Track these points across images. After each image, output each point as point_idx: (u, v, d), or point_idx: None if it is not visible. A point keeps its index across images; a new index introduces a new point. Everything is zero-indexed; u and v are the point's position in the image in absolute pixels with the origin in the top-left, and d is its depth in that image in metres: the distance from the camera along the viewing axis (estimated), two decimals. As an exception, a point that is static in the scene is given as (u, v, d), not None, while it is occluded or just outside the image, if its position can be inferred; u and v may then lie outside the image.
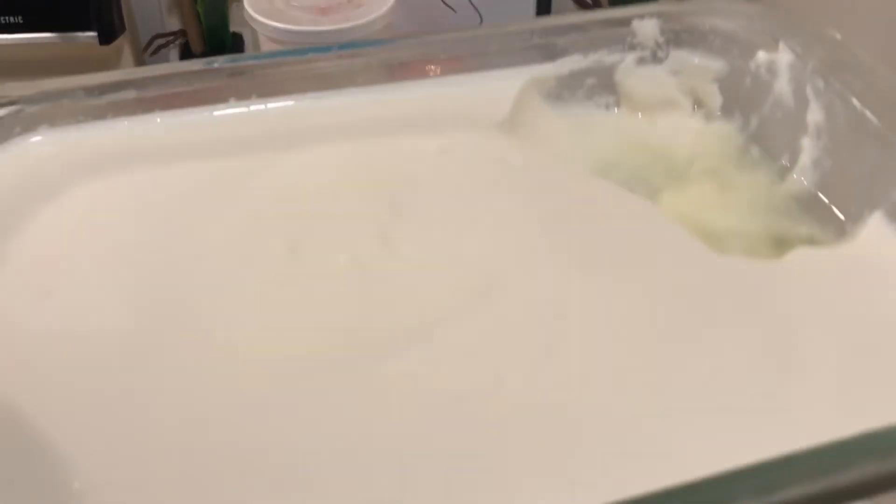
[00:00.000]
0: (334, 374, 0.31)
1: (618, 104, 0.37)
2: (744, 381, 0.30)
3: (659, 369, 0.31)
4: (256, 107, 0.43)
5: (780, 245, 0.35)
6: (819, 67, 0.34)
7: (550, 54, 0.37)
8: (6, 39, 0.81)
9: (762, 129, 0.37)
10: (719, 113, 0.37)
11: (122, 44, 0.86)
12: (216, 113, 0.44)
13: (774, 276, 0.33)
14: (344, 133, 0.42)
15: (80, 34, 0.81)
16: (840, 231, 0.35)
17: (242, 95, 0.43)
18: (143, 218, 0.42)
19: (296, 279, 0.36)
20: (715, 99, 0.36)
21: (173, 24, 0.93)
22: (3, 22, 0.80)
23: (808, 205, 0.37)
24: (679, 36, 0.35)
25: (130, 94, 0.44)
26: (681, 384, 0.29)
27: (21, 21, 0.80)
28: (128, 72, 0.47)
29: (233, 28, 0.90)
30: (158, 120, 0.44)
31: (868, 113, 0.32)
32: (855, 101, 0.33)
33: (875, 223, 0.32)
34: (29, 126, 0.44)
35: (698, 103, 0.36)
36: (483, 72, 0.39)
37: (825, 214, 0.36)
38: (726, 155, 0.36)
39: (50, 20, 0.80)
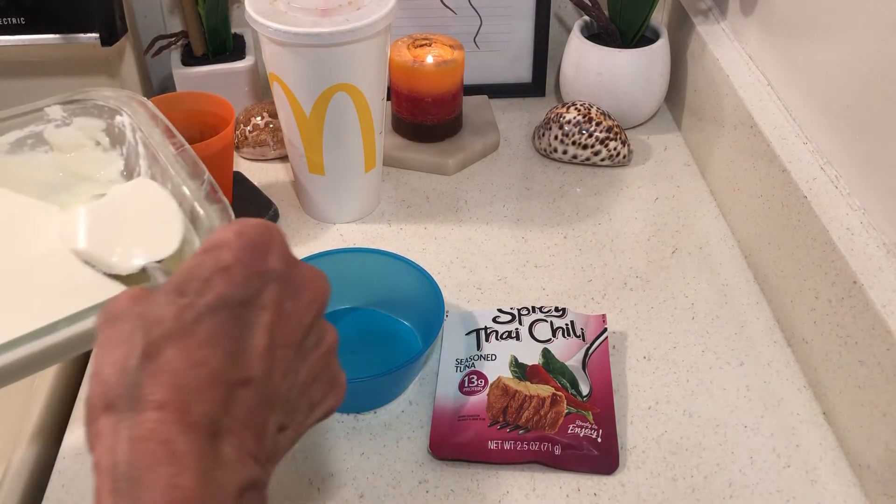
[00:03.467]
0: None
1: (51, 150, 0.60)
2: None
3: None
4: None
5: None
6: (136, 122, 0.58)
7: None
8: (8, 41, 0.81)
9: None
10: (109, 146, 0.61)
11: (124, 45, 0.86)
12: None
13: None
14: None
15: (82, 35, 0.81)
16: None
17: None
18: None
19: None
20: (104, 139, 0.60)
21: (175, 25, 0.94)
22: (5, 23, 0.80)
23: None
24: (78, 110, 0.60)
25: None
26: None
27: (23, 22, 0.80)
28: None
29: (234, 29, 0.90)
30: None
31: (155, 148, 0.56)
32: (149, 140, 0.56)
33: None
34: None
35: (98, 142, 0.60)
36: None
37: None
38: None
39: (52, 22, 0.80)
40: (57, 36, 0.81)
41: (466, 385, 0.59)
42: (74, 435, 0.58)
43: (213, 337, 0.30)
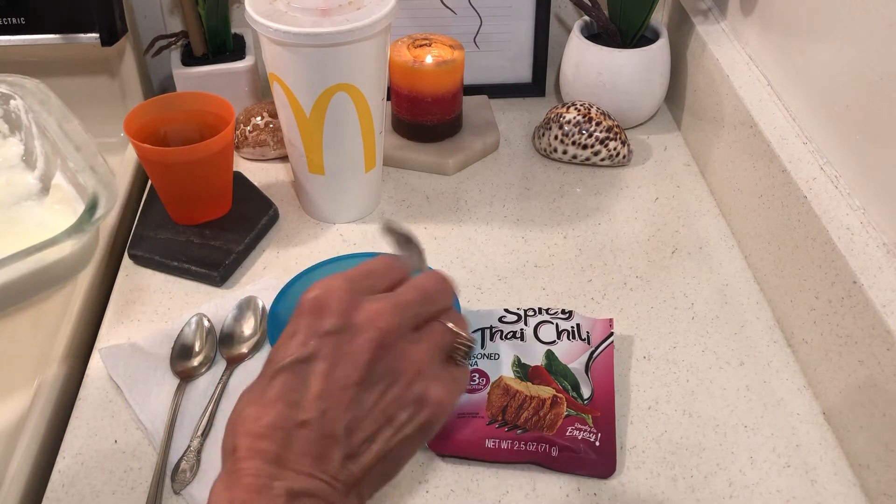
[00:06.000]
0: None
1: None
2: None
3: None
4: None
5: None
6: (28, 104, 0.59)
7: None
8: (9, 41, 0.81)
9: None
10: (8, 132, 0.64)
11: (124, 45, 0.86)
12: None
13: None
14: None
15: (83, 35, 0.81)
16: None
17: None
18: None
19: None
20: (3, 126, 0.62)
21: (175, 25, 0.94)
22: (5, 23, 0.80)
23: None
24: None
25: None
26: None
27: (23, 22, 0.80)
28: None
29: (234, 29, 0.90)
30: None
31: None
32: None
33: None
34: None
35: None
36: None
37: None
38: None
39: (52, 21, 0.80)
40: (57, 36, 0.81)
41: (468, 383, 0.59)
42: (74, 434, 0.58)
43: (278, 394, 0.38)
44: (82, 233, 0.46)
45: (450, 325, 0.43)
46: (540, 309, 0.65)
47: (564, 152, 0.83)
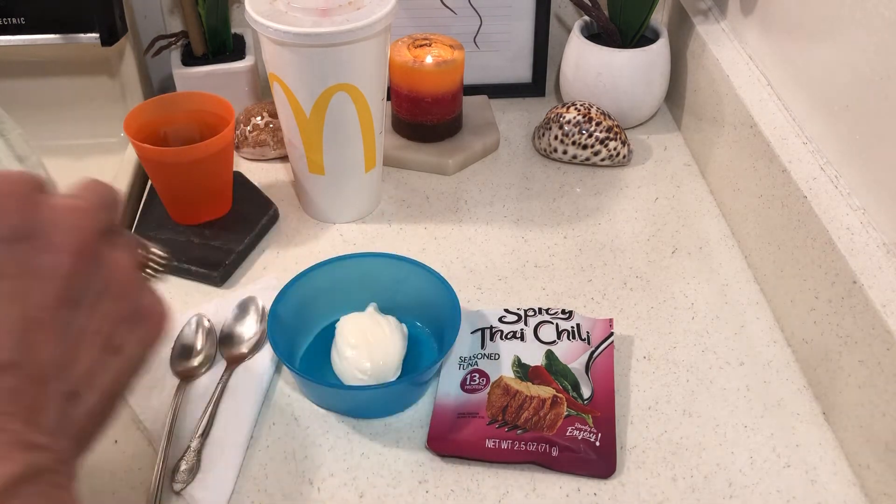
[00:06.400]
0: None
1: None
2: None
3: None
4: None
5: None
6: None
7: None
8: (8, 41, 0.81)
9: None
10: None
11: (124, 45, 0.86)
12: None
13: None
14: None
15: (83, 35, 0.81)
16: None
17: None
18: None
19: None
20: None
21: (175, 25, 0.94)
22: (5, 23, 0.80)
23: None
24: None
25: None
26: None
27: (23, 22, 0.80)
28: None
29: (234, 29, 0.90)
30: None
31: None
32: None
33: None
34: None
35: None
36: None
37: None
38: None
39: (52, 22, 0.81)
40: (57, 36, 0.81)
41: (468, 383, 0.59)
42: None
43: None
44: None
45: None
46: (540, 309, 0.65)
47: (564, 152, 0.83)
